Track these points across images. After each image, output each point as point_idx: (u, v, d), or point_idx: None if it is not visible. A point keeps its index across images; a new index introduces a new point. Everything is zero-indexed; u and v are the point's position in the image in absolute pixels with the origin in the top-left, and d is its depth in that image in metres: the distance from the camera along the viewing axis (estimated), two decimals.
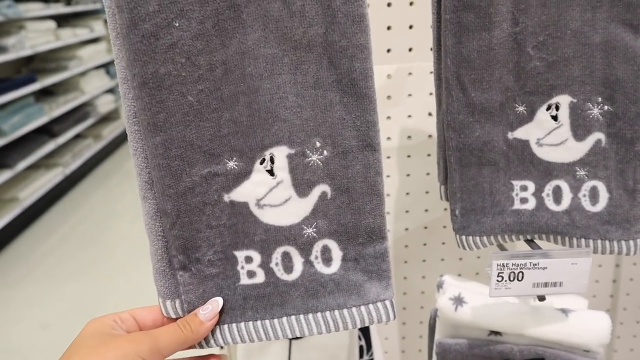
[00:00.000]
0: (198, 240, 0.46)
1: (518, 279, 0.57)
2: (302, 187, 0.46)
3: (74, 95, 3.57)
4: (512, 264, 0.56)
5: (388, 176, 0.97)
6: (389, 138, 0.94)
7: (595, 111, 0.57)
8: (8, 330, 2.18)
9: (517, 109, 0.59)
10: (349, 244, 0.48)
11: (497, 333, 0.66)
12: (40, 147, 3.16)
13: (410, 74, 0.89)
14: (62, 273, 2.58)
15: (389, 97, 0.91)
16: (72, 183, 3.59)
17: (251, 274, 0.47)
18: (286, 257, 0.47)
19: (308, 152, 0.46)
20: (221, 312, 0.47)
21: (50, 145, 3.25)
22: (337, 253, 0.48)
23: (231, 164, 0.45)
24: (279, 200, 0.46)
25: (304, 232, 0.47)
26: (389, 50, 0.88)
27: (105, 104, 4.09)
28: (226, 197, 0.46)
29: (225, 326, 0.47)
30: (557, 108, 0.58)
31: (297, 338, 0.87)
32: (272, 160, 0.45)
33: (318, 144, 0.46)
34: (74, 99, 3.54)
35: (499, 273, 0.56)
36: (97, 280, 2.48)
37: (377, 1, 0.85)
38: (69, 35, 3.52)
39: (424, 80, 0.89)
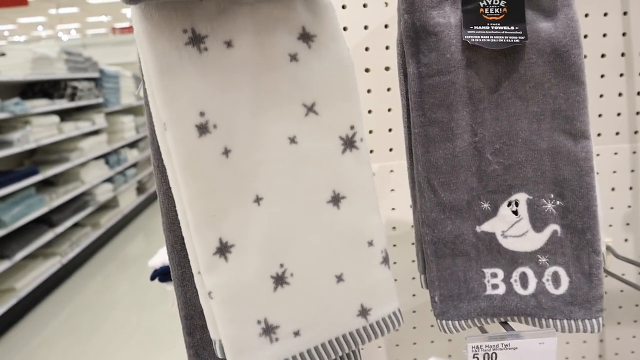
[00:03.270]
0: None
1: (492, 359, 0.63)
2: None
3: (74, 185, 3.67)
4: (486, 346, 0.63)
5: None
6: None
7: (549, 206, 0.66)
8: None
9: (482, 205, 0.67)
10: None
11: None
12: (39, 237, 3.20)
13: (391, 171, 0.99)
14: None
15: None
16: (69, 271, 3.61)
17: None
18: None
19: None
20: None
21: (49, 235, 3.30)
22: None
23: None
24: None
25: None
26: (372, 151, 0.98)
27: (103, 193, 4.18)
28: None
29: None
30: (516, 204, 0.67)
31: None
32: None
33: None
34: (74, 189, 3.63)
35: (474, 354, 0.62)
36: None
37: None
38: (72, 128, 3.67)
39: (404, 176, 0.99)
